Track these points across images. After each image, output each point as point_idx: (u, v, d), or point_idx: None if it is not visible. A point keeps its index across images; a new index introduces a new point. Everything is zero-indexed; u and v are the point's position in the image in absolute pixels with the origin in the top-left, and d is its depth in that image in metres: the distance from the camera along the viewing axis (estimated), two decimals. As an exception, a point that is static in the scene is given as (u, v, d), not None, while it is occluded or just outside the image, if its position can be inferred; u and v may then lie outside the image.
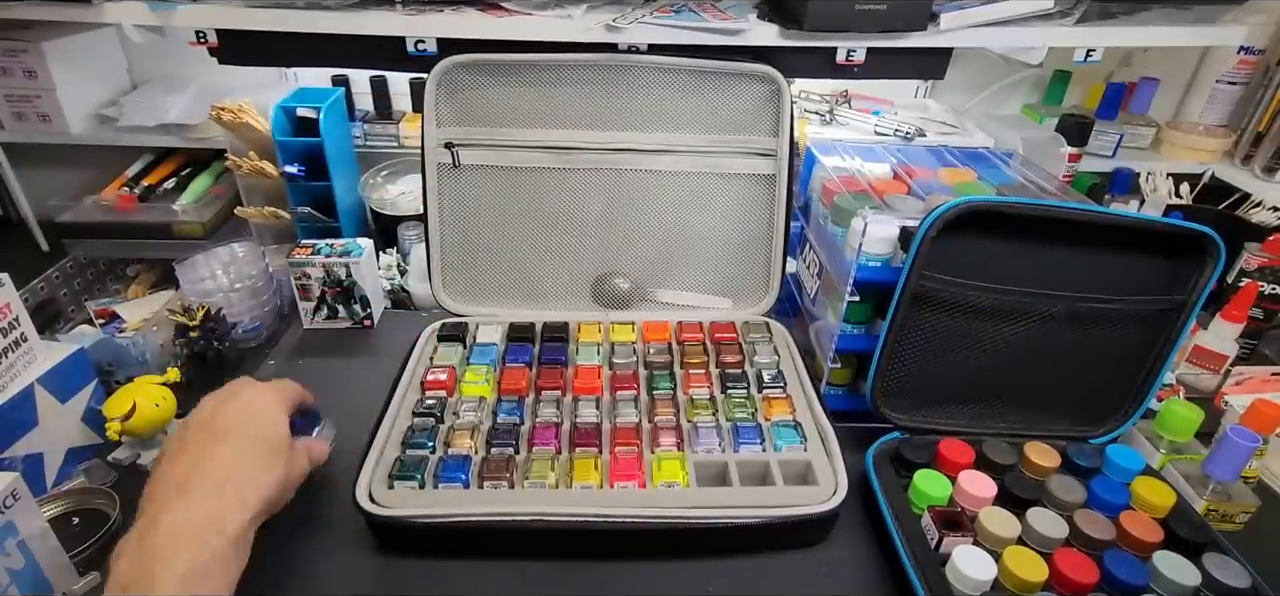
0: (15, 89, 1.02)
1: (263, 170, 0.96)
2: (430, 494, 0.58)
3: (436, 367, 0.71)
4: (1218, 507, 0.63)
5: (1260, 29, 1.07)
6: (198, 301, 0.79)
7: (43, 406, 0.64)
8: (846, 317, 0.70)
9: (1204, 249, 0.62)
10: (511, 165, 0.79)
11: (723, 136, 0.79)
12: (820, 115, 1.10)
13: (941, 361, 0.66)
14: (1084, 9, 0.95)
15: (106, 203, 1.04)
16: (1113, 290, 0.63)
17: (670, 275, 0.83)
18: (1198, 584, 0.52)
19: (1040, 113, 1.16)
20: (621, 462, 0.60)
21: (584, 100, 0.78)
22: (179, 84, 1.09)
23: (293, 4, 0.90)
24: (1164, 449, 0.67)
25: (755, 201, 0.81)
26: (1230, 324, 0.77)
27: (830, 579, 0.58)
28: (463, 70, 0.76)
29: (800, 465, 0.61)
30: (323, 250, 0.85)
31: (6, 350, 0.62)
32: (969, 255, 0.62)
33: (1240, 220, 1.01)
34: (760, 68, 0.76)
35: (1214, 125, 1.16)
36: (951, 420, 0.68)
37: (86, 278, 1.05)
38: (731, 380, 0.71)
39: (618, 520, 0.55)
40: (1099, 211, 0.61)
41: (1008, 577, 0.52)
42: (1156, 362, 0.66)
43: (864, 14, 0.88)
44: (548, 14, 0.91)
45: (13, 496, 0.49)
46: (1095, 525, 0.56)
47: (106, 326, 0.90)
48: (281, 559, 0.58)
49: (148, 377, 0.69)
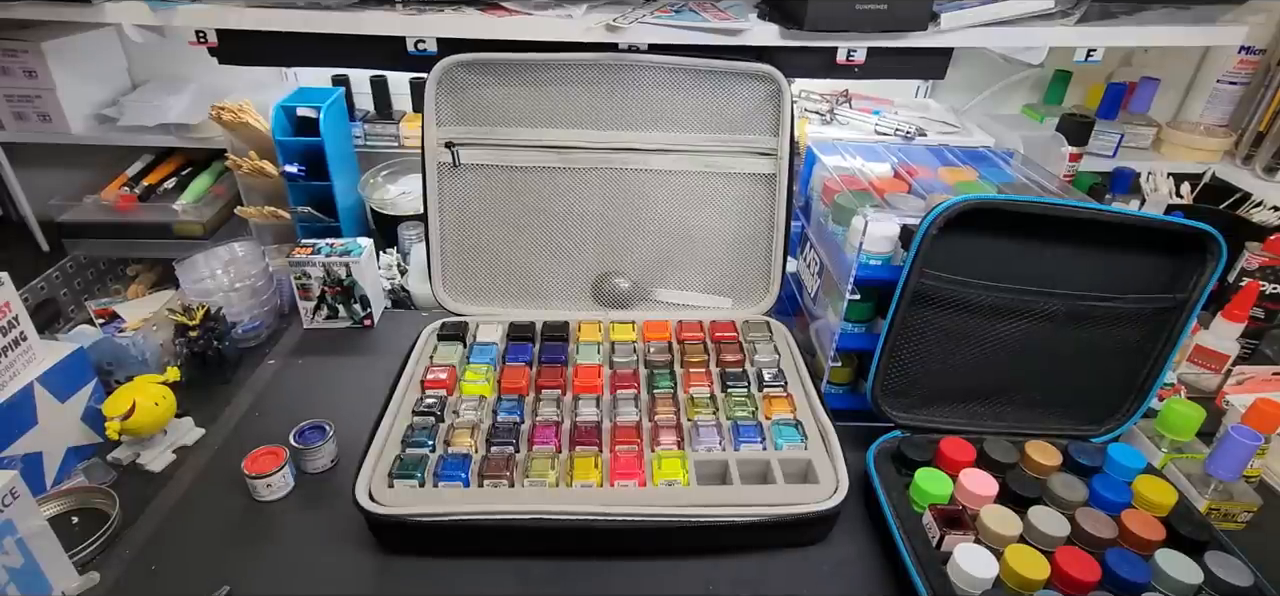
0: (15, 89, 1.02)
1: (263, 170, 0.96)
2: (430, 492, 0.57)
3: (436, 367, 0.71)
4: (1219, 506, 0.62)
5: (1260, 29, 1.07)
6: (198, 301, 0.79)
7: (42, 405, 0.64)
8: (847, 316, 0.69)
9: (1205, 247, 0.61)
10: (512, 165, 0.79)
11: (723, 136, 0.79)
12: (821, 115, 1.10)
13: (942, 360, 0.66)
14: (1084, 9, 0.95)
15: (106, 203, 1.04)
16: (1114, 289, 0.63)
17: (670, 274, 0.83)
18: (1200, 582, 0.52)
19: (1041, 112, 1.16)
20: (622, 461, 0.60)
21: (584, 100, 0.78)
22: (179, 84, 1.10)
23: (293, 4, 0.90)
24: (1165, 448, 0.67)
25: (755, 201, 0.81)
26: (1231, 323, 0.76)
27: (831, 577, 0.58)
28: (463, 70, 0.76)
29: (801, 463, 0.61)
30: (323, 250, 0.85)
31: (6, 349, 0.62)
32: (970, 254, 0.61)
33: (1241, 220, 1.01)
34: (761, 67, 0.76)
35: (1214, 125, 1.16)
36: (952, 419, 0.68)
37: (86, 277, 1.05)
38: (732, 379, 0.70)
39: (618, 518, 0.55)
40: (1100, 209, 0.61)
41: (1009, 575, 0.52)
42: (1158, 362, 0.66)
43: (864, 14, 0.88)
44: (548, 14, 0.91)
45: (12, 494, 0.49)
46: (1097, 523, 0.56)
47: (106, 326, 0.90)
48: (281, 557, 0.58)
49: (147, 377, 0.69)
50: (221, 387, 0.78)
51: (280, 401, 0.76)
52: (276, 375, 0.80)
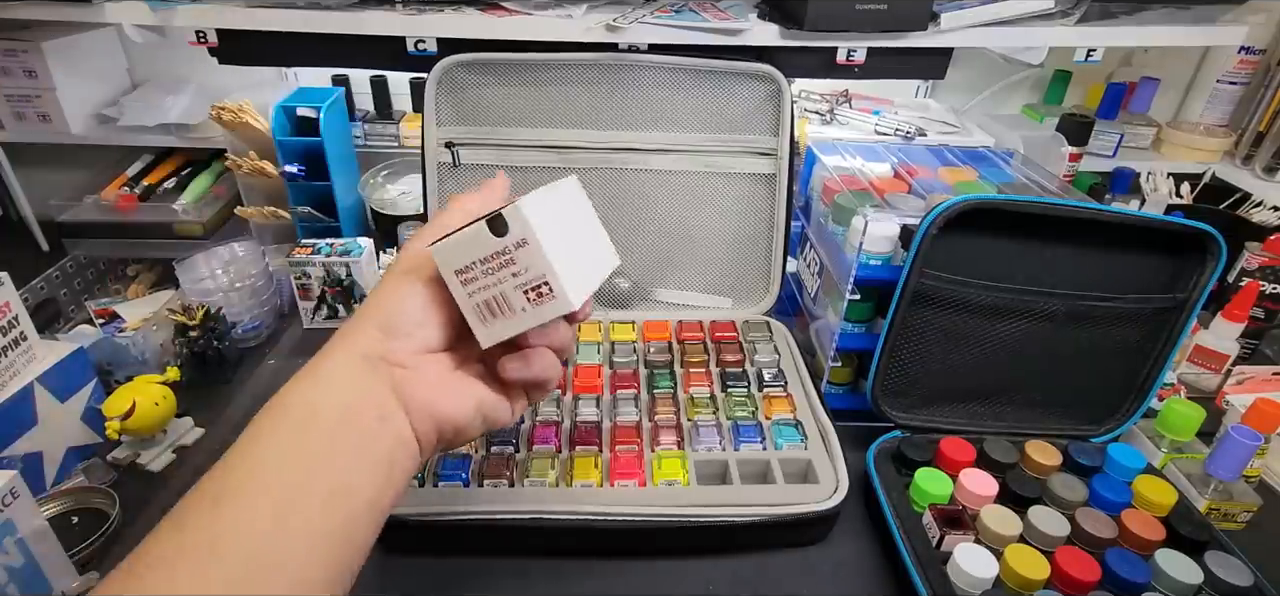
0: (15, 89, 1.02)
1: (263, 170, 0.96)
2: (430, 492, 0.57)
3: (436, 367, 0.71)
4: (1219, 506, 0.62)
5: (1260, 29, 1.07)
6: (198, 301, 0.79)
7: (42, 405, 0.64)
8: (847, 316, 0.69)
9: (1205, 247, 0.61)
10: (512, 164, 0.79)
11: (723, 136, 0.79)
12: (820, 115, 1.10)
13: (942, 360, 0.66)
14: (1084, 9, 0.95)
15: (106, 203, 1.04)
16: (1114, 289, 0.63)
17: (670, 274, 0.83)
18: (1200, 582, 0.52)
19: (1040, 112, 1.16)
20: (622, 461, 0.60)
21: (584, 100, 0.78)
22: (179, 84, 1.10)
23: (293, 4, 0.90)
24: (1165, 448, 0.67)
25: (755, 201, 0.81)
26: (1231, 323, 0.77)
27: (831, 577, 0.58)
28: (463, 69, 0.76)
29: (801, 463, 0.61)
30: (323, 250, 0.85)
31: (6, 349, 0.62)
32: (970, 253, 0.61)
33: (1241, 220, 1.01)
34: (761, 67, 0.76)
35: (1214, 125, 1.16)
36: (952, 418, 0.68)
37: (86, 278, 1.05)
38: (732, 379, 0.70)
39: (618, 518, 0.55)
40: (1100, 209, 0.61)
41: (1009, 575, 0.52)
42: (1157, 361, 0.66)
43: (864, 14, 0.88)
44: (548, 14, 0.91)
45: (12, 494, 0.49)
46: (1097, 523, 0.56)
47: (106, 326, 0.90)
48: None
49: (147, 377, 0.69)
50: (221, 387, 0.78)
51: (280, 401, 0.76)
52: (276, 375, 0.80)
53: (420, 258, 0.38)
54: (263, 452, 0.31)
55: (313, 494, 0.31)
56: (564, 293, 0.36)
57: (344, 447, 0.32)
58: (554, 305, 0.37)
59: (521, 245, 0.36)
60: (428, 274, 0.38)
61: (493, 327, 0.38)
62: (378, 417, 0.34)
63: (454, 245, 0.36)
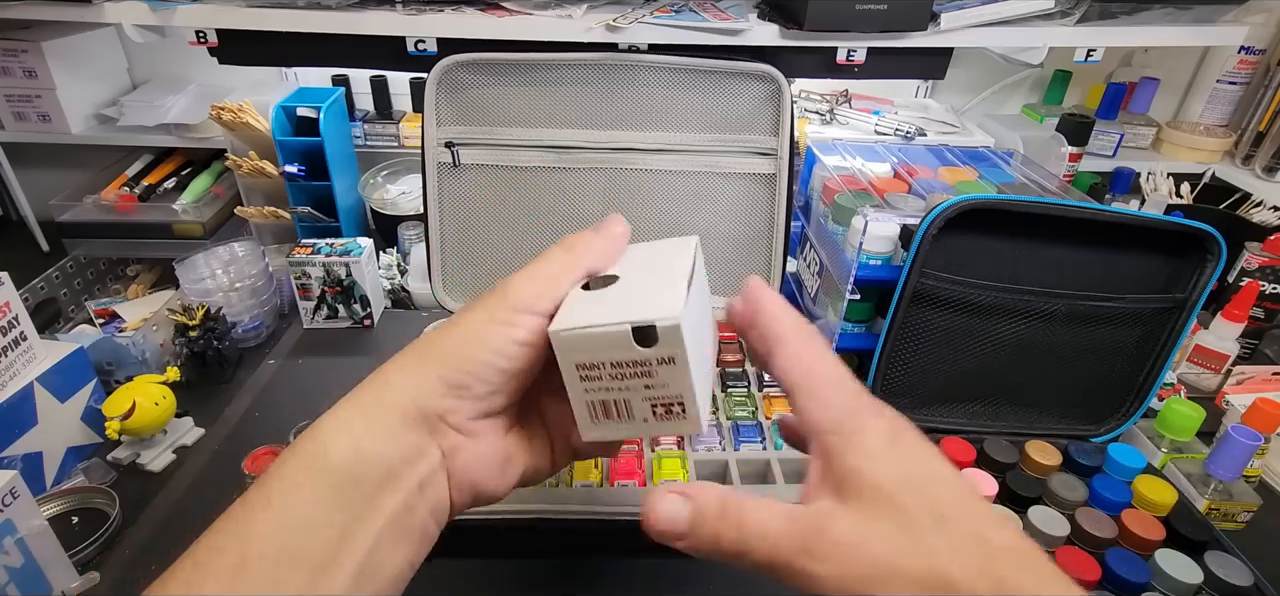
0: (15, 89, 1.02)
1: (263, 170, 0.96)
2: (430, 492, 0.57)
3: (436, 367, 0.71)
4: (1219, 506, 0.62)
5: (1260, 29, 1.07)
6: (198, 301, 0.79)
7: (42, 405, 0.64)
8: (847, 316, 0.70)
9: (1205, 247, 0.62)
10: (512, 165, 0.79)
11: (723, 136, 0.79)
12: (820, 115, 1.10)
13: (942, 360, 0.66)
14: (1084, 9, 0.95)
15: (106, 203, 1.04)
16: (1113, 289, 0.63)
17: (670, 274, 0.83)
18: (1200, 582, 0.52)
19: (1040, 112, 1.16)
20: (622, 461, 0.60)
21: (584, 100, 0.78)
22: (179, 84, 1.10)
23: (293, 4, 0.90)
24: (1165, 448, 0.67)
25: (755, 201, 0.81)
26: (1231, 323, 0.77)
27: (831, 577, 0.57)
28: (463, 69, 0.76)
29: (801, 463, 0.61)
30: (323, 250, 0.85)
31: (6, 349, 0.62)
32: (970, 254, 0.61)
33: (1241, 220, 1.01)
34: (760, 67, 0.76)
35: (1214, 125, 1.16)
36: (952, 419, 0.68)
37: (86, 277, 1.05)
38: (732, 379, 0.71)
39: (618, 518, 0.55)
40: (1100, 209, 0.61)
41: (1009, 576, 0.52)
42: (1157, 362, 0.66)
43: (864, 14, 0.88)
44: (548, 14, 0.91)
45: (11, 494, 0.49)
46: (1097, 523, 0.56)
47: (106, 326, 0.90)
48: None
49: (147, 377, 0.69)
50: (221, 388, 0.78)
51: (280, 401, 0.76)
52: (276, 375, 0.80)
53: (520, 312, 0.32)
54: (295, 511, 0.28)
55: (341, 571, 0.28)
56: (697, 417, 0.32)
57: (381, 517, 0.29)
58: (681, 425, 0.33)
59: (666, 362, 0.31)
60: (524, 336, 0.32)
61: (603, 428, 0.34)
62: (420, 486, 0.31)
63: (587, 339, 0.31)
